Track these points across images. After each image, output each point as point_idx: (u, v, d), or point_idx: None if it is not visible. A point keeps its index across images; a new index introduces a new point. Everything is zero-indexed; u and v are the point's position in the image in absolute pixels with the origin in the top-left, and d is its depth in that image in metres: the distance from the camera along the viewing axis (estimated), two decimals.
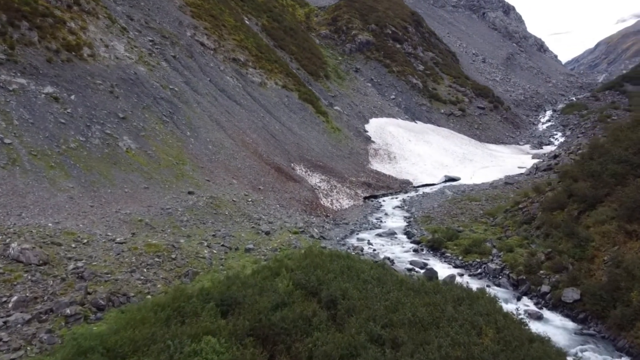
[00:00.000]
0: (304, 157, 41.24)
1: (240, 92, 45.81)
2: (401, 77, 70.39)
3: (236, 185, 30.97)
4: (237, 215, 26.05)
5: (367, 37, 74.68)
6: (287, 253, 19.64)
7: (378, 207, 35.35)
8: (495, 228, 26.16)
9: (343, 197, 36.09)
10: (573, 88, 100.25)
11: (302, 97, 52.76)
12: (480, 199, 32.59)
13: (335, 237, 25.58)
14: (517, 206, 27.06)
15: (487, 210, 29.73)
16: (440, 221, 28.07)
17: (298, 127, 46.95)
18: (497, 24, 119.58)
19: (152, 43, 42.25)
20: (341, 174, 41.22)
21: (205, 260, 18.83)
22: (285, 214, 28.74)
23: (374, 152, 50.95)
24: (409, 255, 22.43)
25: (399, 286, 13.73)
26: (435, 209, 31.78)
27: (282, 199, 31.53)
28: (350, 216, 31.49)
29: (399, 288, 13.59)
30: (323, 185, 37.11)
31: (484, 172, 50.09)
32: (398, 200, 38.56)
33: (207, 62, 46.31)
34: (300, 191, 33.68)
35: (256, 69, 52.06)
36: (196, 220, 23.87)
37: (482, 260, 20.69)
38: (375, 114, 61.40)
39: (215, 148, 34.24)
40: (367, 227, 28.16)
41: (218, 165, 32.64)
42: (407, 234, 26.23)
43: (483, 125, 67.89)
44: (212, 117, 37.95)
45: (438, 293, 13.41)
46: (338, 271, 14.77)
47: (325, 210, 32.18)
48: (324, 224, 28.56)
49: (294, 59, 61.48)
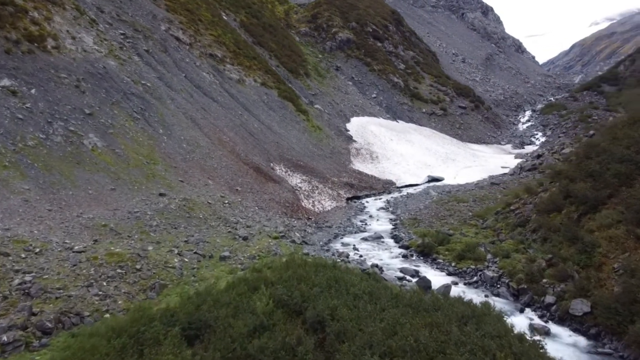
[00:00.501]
0: (284, 157, 39.30)
1: (217, 88, 43.63)
2: (382, 75, 68.93)
3: (212, 186, 28.88)
4: (213, 218, 24.00)
5: (347, 35, 73.04)
6: (266, 261, 17.73)
7: (362, 208, 33.62)
8: (486, 231, 24.63)
9: (325, 199, 34.27)
10: (551, 88, 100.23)
11: (282, 94, 50.80)
12: (468, 200, 31.10)
13: (319, 241, 23.70)
14: (509, 208, 25.59)
15: (476, 212, 28.23)
16: (429, 224, 26.43)
17: (278, 126, 44.97)
18: (476, 24, 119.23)
19: (123, 36, 39.82)
20: (323, 174, 39.41)
21: (175, 271, 16.77)
22: (264, 216, 26.77)
23: (356, 152, 49.27)
24: (398, 261, 20.68)
25: (394, 302, 11.94)
26: (422, 210, 30.16)
27: (261, 200, 29.56)
28: (333, 219, 29.67)
29: (395, 305, 11.81)
30: (304, 186, 35.23)
31: (467, 172, 48.84)
32: (382, 201, 36.89)
33: (183, 58, 44.02)
34: (280, 192, 31.74)
35: (234, 65, 49.92)
36: (167, 224, 21.76)
37: (478, 267, 19.06)
38: (356, 112, 59.76)
39: (189, 147, 32.07)
40: (352, 231, 26.37)
41: (193, 165, 30.50)
42: (394, 238, 24.49)
43: (465, 124, 66.83)
44: (187, 114, 35.75)
45: (439, 310, 11.66)
46: (324, 284, 12.92)
47: (307, 213, 30.31)
48: (306, 227, 26.68)
49: (273, 56, 59.46)
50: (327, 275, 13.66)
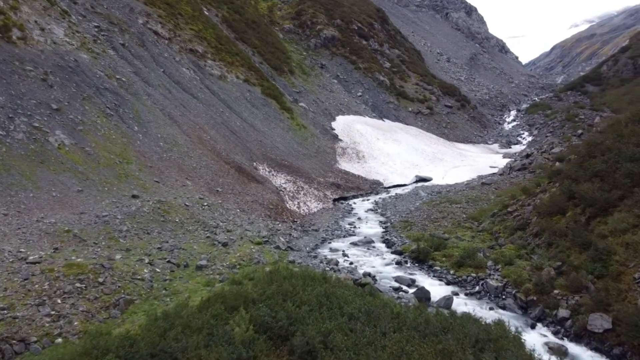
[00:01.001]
0: (268, 156, 37.35)
1: (197, 85, 41.49)
2: (368, 74, 67.29)
3: (190, 187, 26.84)
4: (190, 222, 21.99)
5: (332, 32, 71.25)
6: (248, 271, 15.82)
7: (349, 210, 31.84)
8: (483, 234, 23.04)
9: (311, 200, 32.43)
10: (535, 88, 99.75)
11: (265, 92, 48.81)
12: (461, 201, 29.53)
13: (305, 247, 21.83)
14: (506, 210, 24.03)
15: (471, 213, 26.65)
16: (422, 227, 24.75)
17: (261, 124, 42.99)
18: (460, 24, 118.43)
19: (97, 29, 37.47)
20: (308, 174, 37.56)
21: (143, 283, 14.76)
22: (246, 220, 24.83)
23: (342, 151, 47.51)
24: (391, 269, 18.92)
25: (396, 324, 10.16)
26: (413, 212, 28.49)
27: (243, 202, 27.60)
28: (320, 221, 27.83)
29: (397, 327, 10.03)
30: (289, 186, 33.33)
31: (456, 172, 47.42)
32: (370, 202, 35.18)
33: (161, 52, 41.78)
34: (263, 193, 29.81)
35: (215, 61, 47.77)
36: (139, 229, 19.71)
37: (479, 275, 17.38)
38: (342, 111, 58.01)
39: (167, 145, 29.97)
40: (340, 235, 24.56)
41: (170, 164, 28.41)
42: (386, 243, 22.73)
43: (451, 124, 65.54)
44: (164, 110, 33.60)
45: (448, 332, 9.92)
46: (314, 302, 11.11)
47: (292, 215, 28.42)
48: (291, 231, 24.79)
49: (256, 53, 57.40)
50: (317, 290, 11.84)
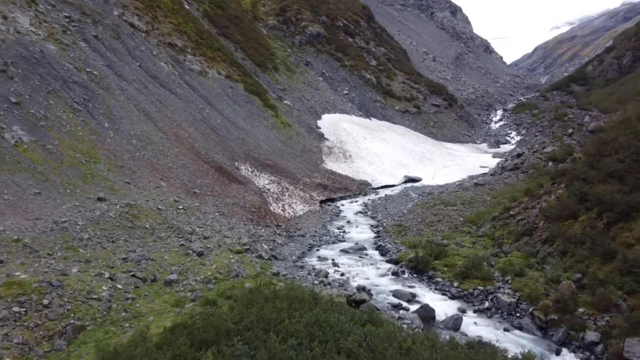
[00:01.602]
0: (250, 155, 35.00)
1: (176, 80, 38.94)
2: (354, 71, 65.22)
3: (165, 189, 24.41)
4: (162, 228, 19.60)
5: (317, 29, 69.04)
6: (224, 288, 13.54)
7: (337, 212, 29.67)
8: (484, 240, 21.05)
9: (296, 202, 30.18)
10: (520, 88, 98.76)
11: (248, 88, 46.40)
12: (456, 203, 27.56)
13: (290, 255, 19.59)
14: (508, 213, 22.08)
15: (468, 216, 24.68)
16: (417, 231, 22.67)
17: (243, 122, 40.60)
18: (445, 24, 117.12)
19: (68, 20, 34.69)
20: (293, 174, 35.30)
21: (100, 304, 12.39)
22: (226, 224, 22.49)
23: (328, 150, 45.34)
24: (388, 281, 16.78)
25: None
26: (406, 215, 26.41)
27: (223, 205, 25.23)
28: (306, 225, 25.59)
29: None
30: (273, 187, 31.04)
31: (446, 172, 45.59)
32: (358, 204, 33.06)
33: (137, 45, 39.13)
34: (245, 195, 27.47)
35: (196, 56, 45.24)
36: (102, 237, 17.27)
37: (487, 289, 15.33)
38: (327, 109, 55.84)
39: (140, 143, 27.48)
40: (329, 240, 22.35)
41: (143, 163, 25.93)
42: (379, 250, 20.57)
43: (439, 123, 63.80)
44: (139, 106, 31.06)
45: None
46: (303, 333, 8.92)
47: (276, 219, 26.14)
48: (275, 236, 22.50)
49: (239, 49, 54.91)
50: (306, 316, 9.65)
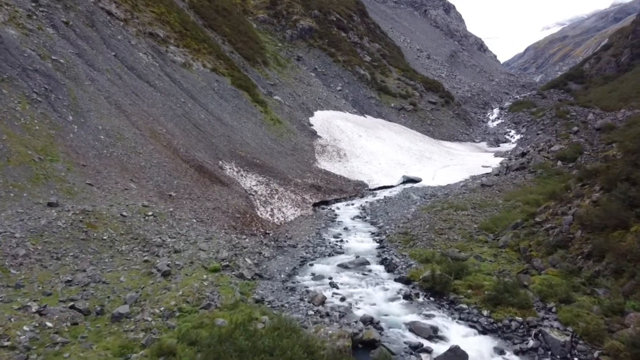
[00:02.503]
0: (236, 153, 31.47)
1: (155, 71, 35.31)
2: (347, 67, 61.84)
3: (134, 192, 20.84)
4: (124, 240, 16.07)
5: (309, 23, 65.57)
6: (189, 327, 10.10)
7: (333, 217, 26.24)
8: (506, 252, 17.74)
9: (287, 205, 26.71)
10: (515, 87, 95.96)
11: (235, 83, 42.86)
12: (466, 207, 24.23)
13: (279, 272, 16.10)
14: (533, 219, 18.75)
15: (482, 223, 21.38)
16: (427, 241, 19.28)
17: (230, 117, 37.05)
18: (439, 21, 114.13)
19: (35, 4, 30.96)
20: (284, 174, 31.82)
21: (10, 356, 8.87)
22: (203, 234, 18.97)
23: (321, 149, 41.92)
24: (399, 307, 13.36)
25: None
26: (412, 221, 23.01)
27: (202, 210, 21.69)
28: (298, 233, 22.09)
29: None
30: (260, 189, 27.55)
31: (446, 172, 42.34)
32: (355, 207, 29.67)
33: (114, 34, 35.44)
34: (229, 198, 23.94)
35: (179, 47, 41.63)
36: (45, 253, 13.72)
37: (528, 320, 11.97)
38: (320, 106, 52.40)
39: (109, 139, 23.86)
40: (324, 252, 18.90)
41: (110, 162, 22.34)
42: (385, 265, 17.14)
43: (436, 121, 60.60)
44: (110, 98, 27.44)
45: None
46: None
47: (264, 225, 22.63)
48: (262, 247, 19.00)
49: (227, 42, 51.31)
50: None
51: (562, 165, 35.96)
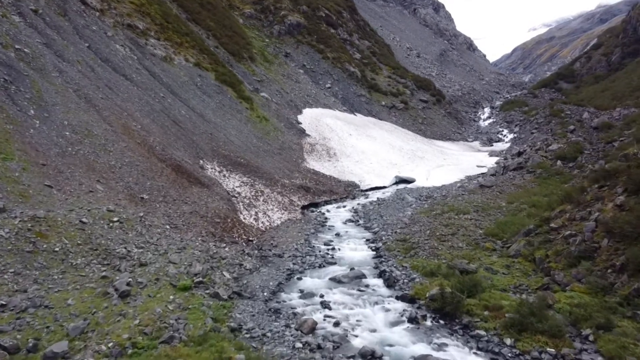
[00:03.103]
0: (219, 152, 29.08)
1: (133, 64, 32.76)
2: (337, 64, 59.62)
3: (101, 194, 18.39)
4: (81, 251, 13.65)
5: (297, 19, 63.24)
6: None
7: (323, 221, 23.97)
8: (519, 262, 15.64)
9: (273, 209, 24.38)
10: (506, 86, 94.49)
11: (220, 78, 40.45)
12: (468, 211, 22.09)
13: (262, 289, 13.78)
14: (547, 225, 16.66)
15: (488, 228, 19.27)
16: (430, 250, 17.08)
17: (213, 114, 34.62)
18: (428, 20, 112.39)
19: None
20: (270, 174, 29.48)
21: None
22: (177, 242, 16.60)
23: (310, 148, 39.64)
24: (404, 335, 11.11)
25: None
26: (410, 226, 20.81)
27: (178, 215, 19.30)
28: (284, 240, 19.77)
29: None
30: (245, 190, 25.20)
31: (440, 172, 40.32)
32: (347, 209, 27.47)
33: (88, 25, 32.85)
34: (209, 201, 21.56)
35: (160, 40, 39.11)
36: None
37: (562, 353, 9.81)
38: (309, 103, 50.11)
39: (75, 136, 21.36)
40: (314, 263, 16.60)
41: (75, 161, 19.85)
42: (384, 279, 14.85)
43: (427, 119, 58.62)
44: (80, 92, 24.90)
45: None
46: None
47: (247, 231, 20.27)
48: (243, 258, 16.65)
49: (211, 36, 48.82)
50: None
51: (562, 164, 34.11)
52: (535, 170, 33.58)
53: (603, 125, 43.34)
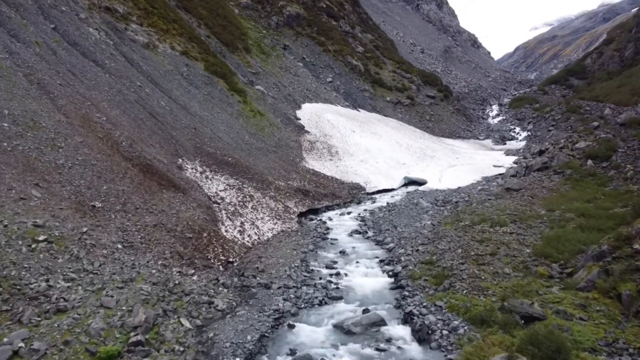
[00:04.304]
0: (203, 149, 24.57)
1: (107, 50, 28.22)
2: (338, 57, 55.06)
3: (34, 202, 13.87)
4: None
5: (297, 10, 58.65)
6: None
7: (324, 233, 19.46)
8: (594, 298, 11.15)
9: (264, 217, 19.85)
10: (513, 83, 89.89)
11: (210, 68, 35.93)
12: (505, 221, 17.53)
13: (234, 351, 9.13)
14: (630, 247, 12.12)
15: (536, 246, 14.75)
16: (470, 281, 12.46)
17: (199, 107, 30.11)
18: (432, 16, 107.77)
19: None
20: (262, 175, 24.96)
21: None
22: (127, 268, 12.09)
23: (310, 145, 35.13)
24: None
25: None
26: (434, 242, 16.22)
27: (138, 228, 14.76)
28: (274, 261, 15.22)
29: None
30: (230, 195, 20.67)
31: (454, 172, 35.76)
32: (352, 217, 22.99)
33: (57, 4, 28.32)
34: (181, 209, 17.03)
35: (143, 26, 34.59)
36: None
37: None
38: (309, 98, 45.58)
39: (16, 128, 16.86)
40: (313, 298, 12.01)
41: (10, 159, 15.33)
42: (414, 329, 10.29)
43: (435, 116, 54.06)
44: (33, 76, 20.39)
45: None
46: None
47: (227, 249, 15.73)
48: (216, 291, 12.11)
49: (203, 25, 44.28)
50: None
51: (593, 164, 29.60)
52: (563, 171, 29.09)
53: (631, 122, 38.74)
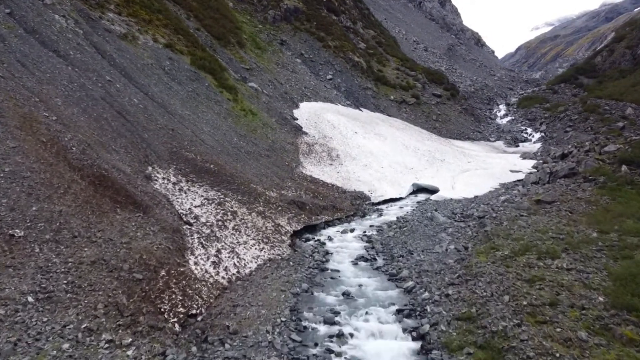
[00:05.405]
0: (181, 155, 20.45)
1: (73, 39, 24.08)
2: (339, 53, 50.94)
3: None
4: None
5: (295, 3, 54.51)
6: None
7: (322, 261, 15.35)
8: None
9: (247, 241, 15.74)
10: (519, 82, 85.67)
11: (197, 63, 31.85)
12: (555, 251, 13.46)
13: None
14: None
15: (607, 290, 10.70)
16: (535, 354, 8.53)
17: (181, 105, 26.00)
18: (434, 14, 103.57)
19: None
20: (250, 185, 20.85)
21: None
22: (27, 340, 8.00)
23: (308, 148, 31.05)
24: None
25: None
26: (468, 281, 12.13)
27: (67, 268, 10.66)
28: (253, 314, 11.06)
29: None
30: (207, 212, 16.56)
31: (468, 178, 31.66)
32: (356, 236, 18.90)
33: None
34: (137, 236, 12.93)
35: (122, 15, 30.50)
36: None
37: None
38: (307, 96, 41.48)
39: None
40: None
41: None
42: None
43: (442, 116, 49.94)
44: None
45: None
46: None
47: (190, 295, 11.60)
48: None
49: (192, 17, 40.19)
50: None
51: (628, 170, 25.50)
52: (595, 178, 24.99)
53: None
